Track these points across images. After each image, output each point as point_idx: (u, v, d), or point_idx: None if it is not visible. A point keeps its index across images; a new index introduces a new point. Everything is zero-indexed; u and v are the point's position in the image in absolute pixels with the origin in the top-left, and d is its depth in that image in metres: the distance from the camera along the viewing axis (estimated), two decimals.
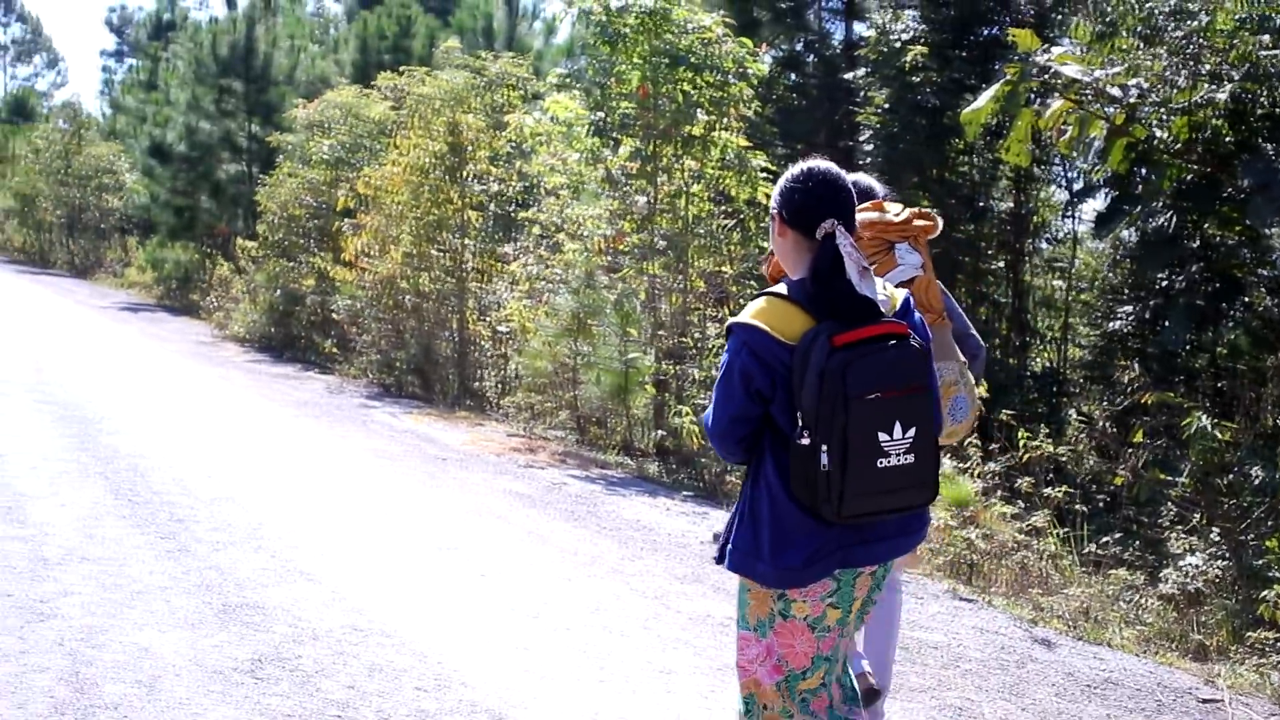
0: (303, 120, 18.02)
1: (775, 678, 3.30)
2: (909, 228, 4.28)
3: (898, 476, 3.05)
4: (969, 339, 4.56)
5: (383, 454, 10.10)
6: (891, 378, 3.05)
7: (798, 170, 3.29)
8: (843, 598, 3.22)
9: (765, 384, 3.13)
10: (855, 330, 3.05)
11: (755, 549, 3.18)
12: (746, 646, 3.33)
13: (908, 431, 3.05)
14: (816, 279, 3.12)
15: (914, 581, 6.96)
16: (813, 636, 3.23)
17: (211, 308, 20.85)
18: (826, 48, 15.26)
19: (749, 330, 3.14)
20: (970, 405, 4.29)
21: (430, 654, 5.37)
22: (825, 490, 2.99)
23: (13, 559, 6.44)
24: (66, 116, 34.25)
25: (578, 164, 11.17)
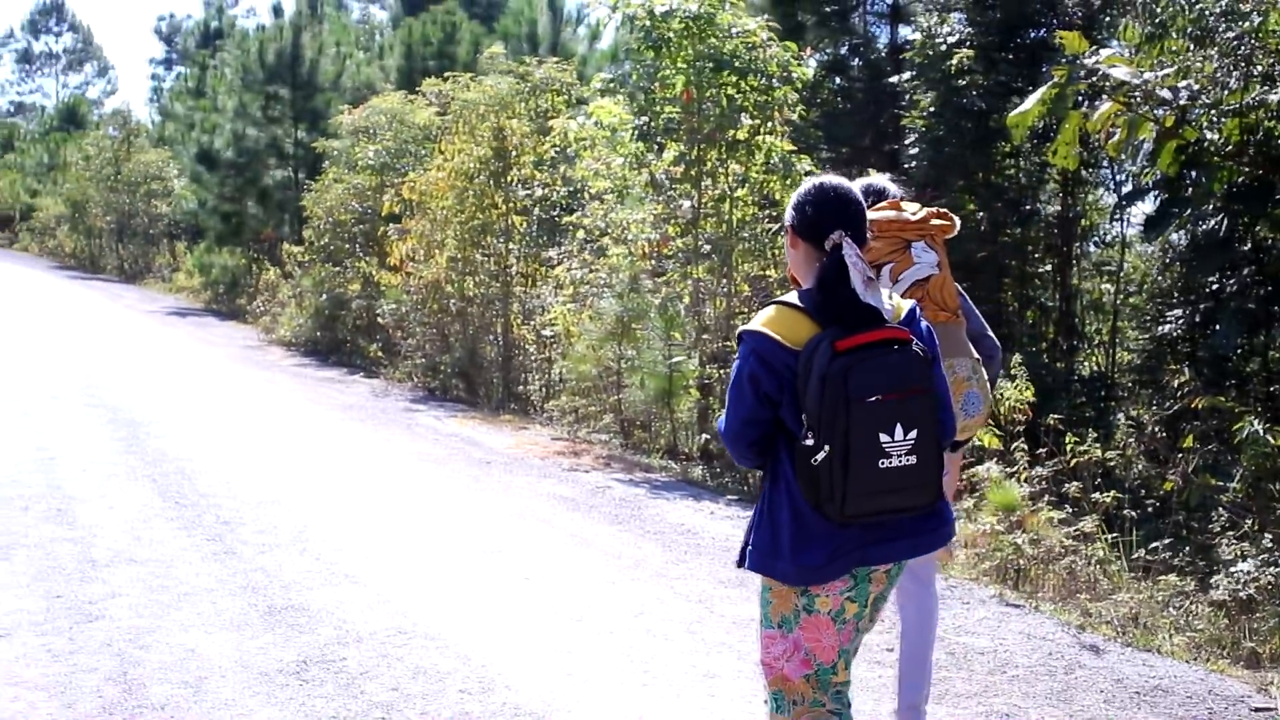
0: (348, 126, 18.12)
1: (804, 671, 3.38)
2: (925, 227, 4.34)
3: (899, 477, 3.14)
4: (985, 340, 4.66)
5: (427, 457, 10.13)
6: (893, 380, 3.15)
7: (809, 185, 3.44)
8: (859, 593, 3.33)
9: (773, 388, 3.25)
10: (857, 335, 3.16)
11: (775, 549, 3.29)
12: (771, 644, 3.41)
13: (909, 433, 3.14)
14: (822, 287, 3.26)
15: (960, 586, 6.91)
16: (835, 628, 3.33)
17: (258, 312, 21.01)
18: (871, 51, 15.19)
19: (757, 337, 3.28)
20: (983, 401, 4.37)
21: (474, 657, 5.38)
22: (828, 490, 3.11)
23: (62, 560, 6.51)
24: (116, 124, 34.54)
25: (622, 168, 11.17)
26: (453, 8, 22.95)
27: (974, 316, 4.68)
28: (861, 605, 3.35)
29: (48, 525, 7.20)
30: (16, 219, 41.56)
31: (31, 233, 39.22)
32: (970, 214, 12.88)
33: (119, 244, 33.17)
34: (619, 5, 10.69)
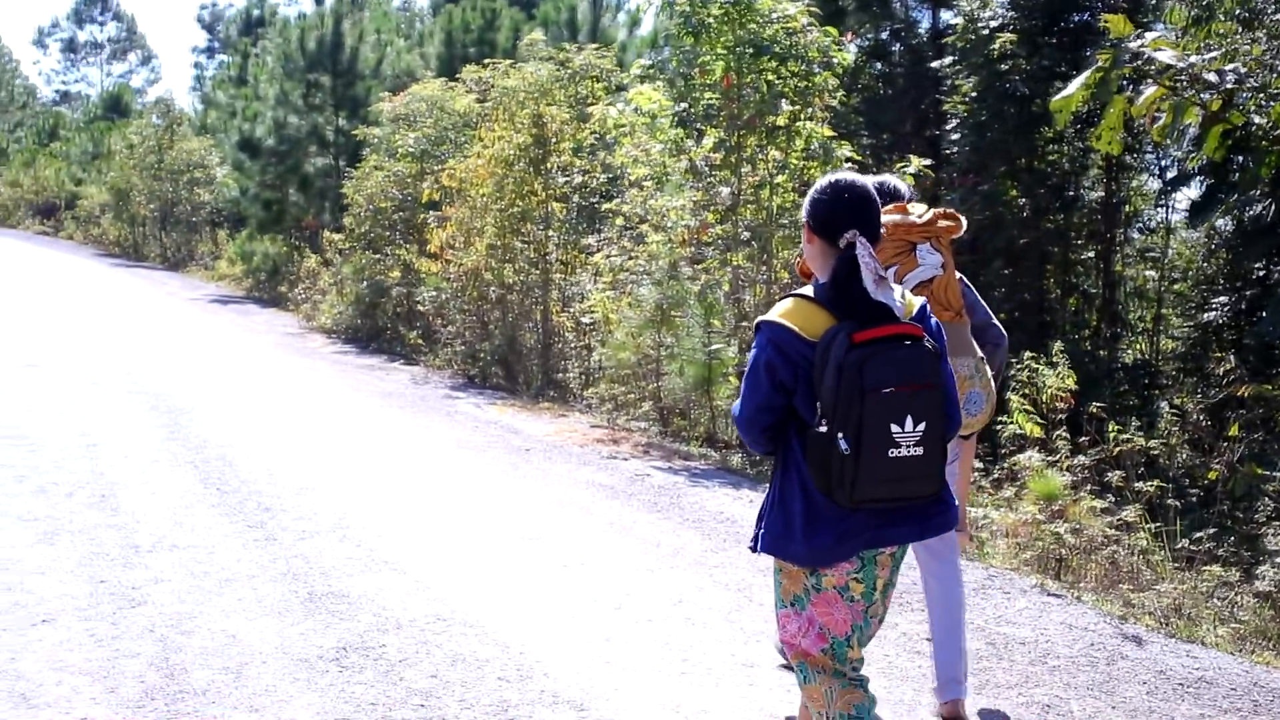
0: (389, 114, 18.16)
1: (820, 645, 3.54)
2: (931, 229, 4.50)
3: (907, 466, 3.30)
4: (991, 329, 4.82)
5: (466, 444, 10.15)
6: (905, 374, 3.29)
7: (825, 183, 3.57)
8: (866, 575, 3.49)
9: (788, 376, 3.41)
10: (873, 329, 3.31)
11: (787, 533, 3.47)
12: (788, 623, 3.60)
13: (918, 425, 3.29)
14: (835, 284, 3.40)
15: (1001, 576, 6.87)
16: (844, 603, 3.50)
17: (299, 299, 21.10)
18: (913, 36, 15.08)
19: (775, 327, 3.43)
20: (985, 399, 4.53)
21: (513, 644, 5.38)
22: (839, 475, 3.28)
23: (106, 546, 6.56)
24: (160, 112, 34.70)
25: (661, 155, 11.15)
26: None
27: (980, 308, 4.81)
28: (869, 587, 3.51)
29: (91, 511, 7.26)
30: (61, 207, 41.88)
31: (76, 221, 39.49)
32: (1012, 200, 12.81)
33: (162, 232, 33.36)
34: None
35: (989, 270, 13.08)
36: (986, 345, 4.75)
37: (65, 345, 14.67)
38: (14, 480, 7.88)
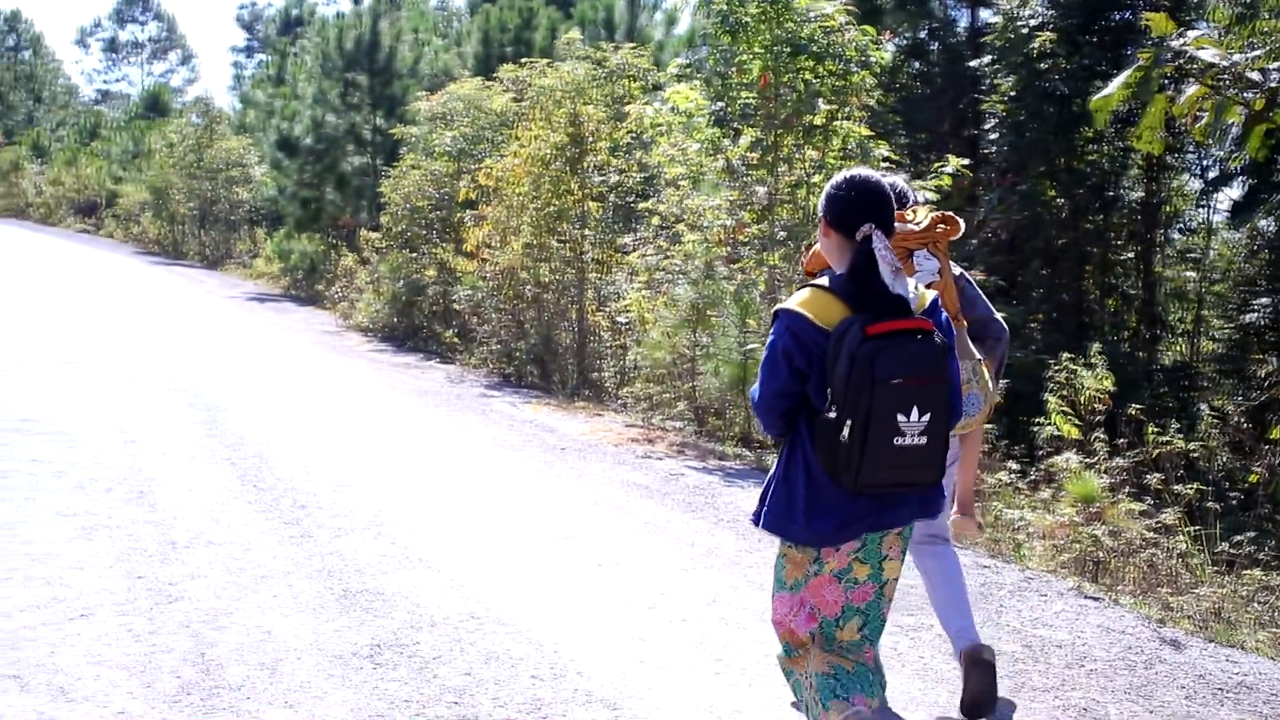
0: (426, 113, 18.23)
1: (809, 626, 3.74)
2: (928, 235, 4.53)
3: (911, 455, 3.44)
4: (992, 324, 4.87)
5: (502, 443, 10.16)
6: (914, 367, 3.43)
7: (841, 179, 3.69)
8: (869, 554, 3.68)
9: (804, 363, 3.55)
10: (886, 323, 3.45)
11: (790, 513, 3.64)
12: (780, 604, 3.80)
13: (924, 416, 3.43)
14: (853, 276, 3.54)
15: (1038, 578, 6.82)
16: (840, 587, 3.69)
17: (336, 298, 21.20)
18: (951, 35, 14.98)
19: (792, 315, 3.58)
20: (983, 400, 4.58)
21: (546, 643, 5.38)
22: (845, 460, 3.42)
23: (144, 542, 6.60)
24: (199, 111, 34.93)
25: (698, 154, 11.12)
26: None
27: (981, 304, 4.88)
28: (874, 567, 3.70)
29: (129, 507, 7.30)
30: (102, 206, 42.22)
31: (116, 219, 39.80)
32: (1051, 200, 12.72)
33: (200, 230, 33.60)
34: None
35: (1027, 271, 13.00)
36: (988, 340, 4.83)
37: (105, 342, 14.78)
38: (53, 476, 7.93)
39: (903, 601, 6.27)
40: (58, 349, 13.85)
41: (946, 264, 4.59)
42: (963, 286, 4.80)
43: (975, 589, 6.58)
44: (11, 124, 60.79)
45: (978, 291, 4.92)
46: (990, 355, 4.78)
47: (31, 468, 8.11)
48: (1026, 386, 9.99)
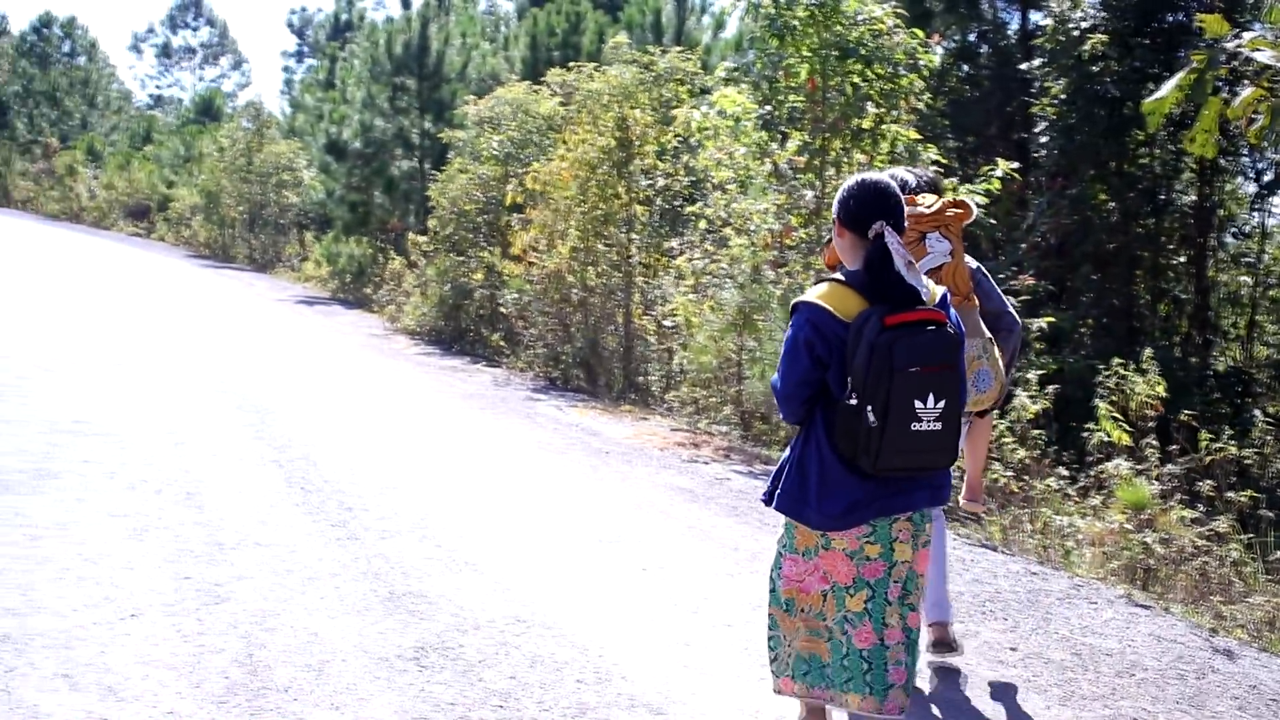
0: (474, 117, 18.26)
1: (823, 586, 3.96)
2: (940, 218, 4.80)
3: (927, 439, 3.66)
4: (1005, 316, 5.11)
5: (547, 446, 10.17)
6: (930, 355, 3.65)
7: (852, 182, 3.94)
8: (880, 536, 3.86)
9: (824, 353, 3.79)
10: (903, 313, 3.67)
11: (803, 496, 3.88)
12: (793, 566, 4.03)
13: (939, 402, 3.65)
14: (869, 270, 3.77)
15: (1087, 585, 6.76)
16: (852, 564, 3.88)
17: (383, 301, 21.29)
18: (1001, 37, 14.86)
19: (812, 308, 3.82)
20: (993, 377, 4.83)
21: (591, 647, 5.38)
22: (866, 444, 3.65)
23: (192, 543, 6.64)
24: (249, 116, 35.18)
25: (745, 158, 11.08)
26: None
27: (996, 296, 5.13)
28: (885, 546, 3.87)
29: (179, 508, 7.35)
30: (154, 210, 42.62)
31: (168, 223, 40.14)
32: (1101, 204, 12.60)
33: (250, 233, 33.83)
34: None
35: (1077, 276, 12.88)
36: (1001, 331, 5.04)
37: (156, 345, 14.91)
38: (105, 477, 8.01)
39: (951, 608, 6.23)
40: (110, 351, 13.99)
41: (959, 246, 4.84)
42: (979, 280, 5.04)
43: (1023, 595, 6.54)
44: (67, 129, 61.45)
45: (993, 285, 5.15)
46: (1003, 346, 5.01)
47: (83, 469, 8.20)
48: (1076, 392, 9.90)
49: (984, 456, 5.54)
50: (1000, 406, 5.31)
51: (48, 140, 56.54)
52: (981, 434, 5.36)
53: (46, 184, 50.28)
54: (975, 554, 7.40)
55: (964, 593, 6.57)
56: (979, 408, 4.96)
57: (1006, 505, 8.29)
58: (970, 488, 5.43)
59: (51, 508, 7.20)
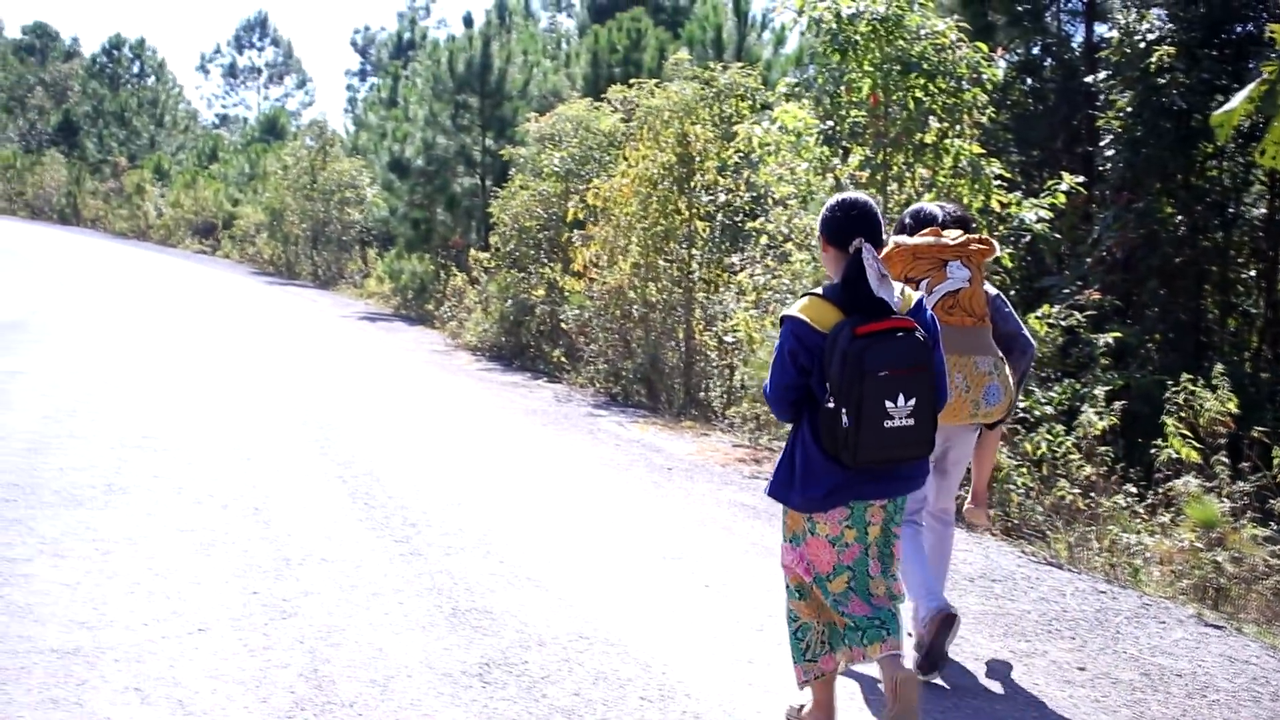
0: (535, 134, 18.34)
1: (807, 577, 4.43)
2: (962, 250, 5.32)
3: (900, 434, 4.13)
4: (1019, 338, 5.60)
5: (609, 463, 10.18)
6: (898, 359, 4.09)
7: (834, 201, 4.38)
8: (856, 521, 4.33)
9: (807, 360, 4.22)
10: (873, 323, 4.10)
11: (789, 483, 4.34)
12: (787, 554, 4.51)
13: (909, 401, 4.11)
14: (845, 284, 4.20)
15: (1156, 605, 6.66)
16: (833, 550, 4.35)
17: (445, 317, 21.38)
18: (1065, 50, 14.69)
19: (795, 321, 4.26)
20: (1003, 392, 5.32)
21: (654, 664, 5.37)
22: (844, 442, 4.10)
23: (259, 558, 6.71)
24: (313, 134, 35.46)
25: (806, 173, 11.03)
26: (639, 15, 22.96)
27: (1011, 319, 5.62)
28: (860, 531, 4.34)
29: (245, 524, 7.43)
30: (219, 227, 43.11)
31: (233, 240, 40.57)
32: (1169, 218, 12.43)
33: (313, 250, 34.08)
34: (805, 9, 10.55)
35: (1143, 290, 12.72)
36: (1014, 352, 5.54)
37: (222, 361, 15.09)
38: (173, 492, 8.11)
39: (1017, 626, 6.18)
40: (177, 367, 14.17)
41: (979, 275, 5.36)
42: (997, 305, 5.55)
43: (1091, 614, 6.46)
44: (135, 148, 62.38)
45: (1010, 310, 5.65)
46: (1015, 365, 5.52)
47: (152, 484, 8.30)
48: (1143, 408, 9.77)
49: (990, 467, 6.05)
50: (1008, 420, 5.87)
51: (117, 159, 57.43)
52: (990, 446, 5.84)
53: (115, 202, 51.02)
54: (1041, 572, 7.32)
55: (1030, 611, 6.50)
56: (989, 420, 5.41)
57: (1072, 522, 8.20)
58: (975, 496, 5.92)
59: (121, 522, 7.31)
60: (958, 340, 5.21)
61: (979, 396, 5.27)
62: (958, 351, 5.19)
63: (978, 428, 5.55)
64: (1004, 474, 8.90)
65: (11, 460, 8.83)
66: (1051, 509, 8.49)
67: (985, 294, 5.43)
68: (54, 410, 10.80)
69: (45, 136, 66.27)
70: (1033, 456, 9.00)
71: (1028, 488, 8.83)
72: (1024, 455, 9.04)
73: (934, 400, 4.24)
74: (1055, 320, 9.84)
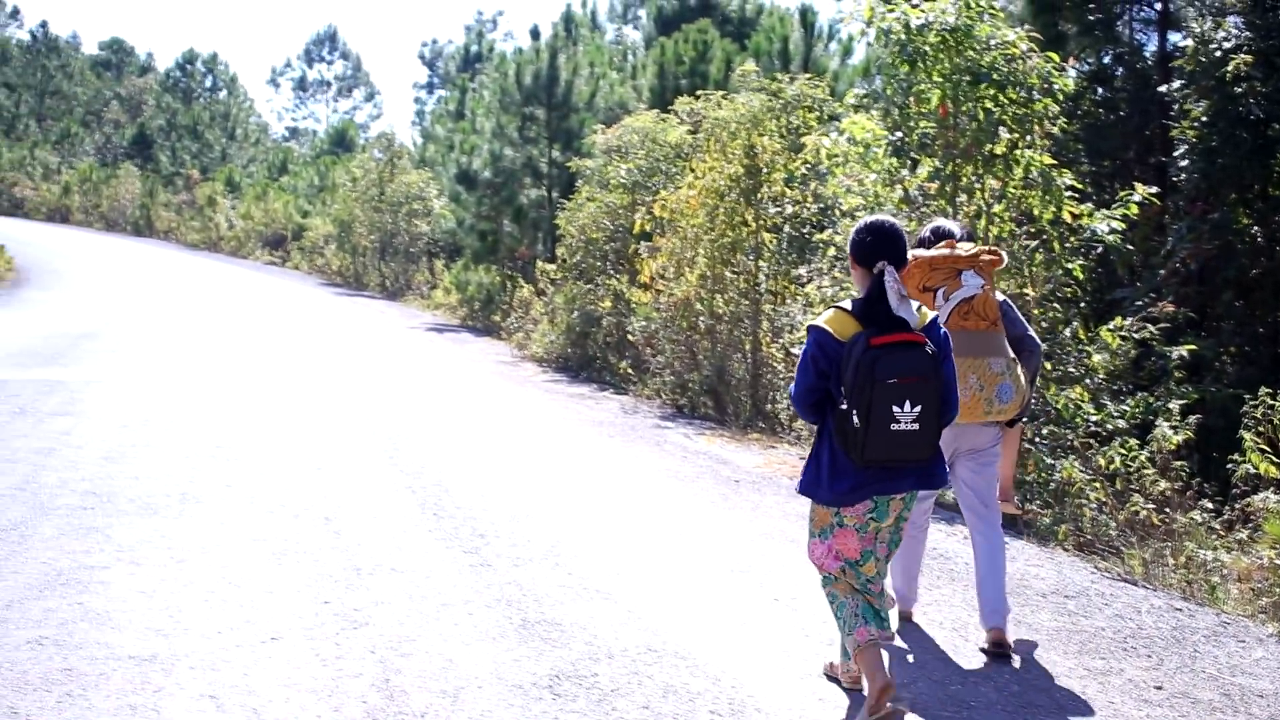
0: (601, 145, 18.36)
1: (838, 564, 4.90)
2: (974, 261, 5.84)
3: (905, 438, 4.57)
4: (1026, 339, 6.07)
5: (676, 475, 10.16)
6: (907, 370, 4.53)
7: (863, 224, 4.87)
8: (879, 513, 4.83)
9: (827, 366, 4.70)
10: (887, 336, 4.57)
11: (817, 480, 4.83)
12: (815, 548, 4.98)
13: (915, 408, 4.55)
14: (867, 300, 4.70)
15: (1235, 623, 6.54)
16: (859, 537, 4.84)
17: (512, 329, 21.46)
18: (1138, 59, 14.50)
19: (819, 330, 4.75)
20: (1014, 391, 5.82)
21: (724, 678, 5.35)
22: (854, 441, 4.58)
23: (331, 569, 6.76)
24: (381, 146, 35.76)
25: (874, 185, 10.96)
26: (705, 26, 22.94)
27: (1018, 322, 6.10)
28: (881, 520, 4.83)
29: (316, 533, 7.49)
30: (289, 239, 43.57)
31: (302, 251, 41.01)
32: (1245, 228, 12.23)
33: (381, 262, 34.37)
34: (874, 20, 10.49)
35: (1218, 302, 12.52)
36: (1023, 353, 6.00)
37: (292, 370, 15.24)
38: (246, 501, 8.20)
39: (1091, 644, 6.10)
40: (249, 377, 14.32)
41: (990, 283, 5.91)
42: (1005, 310, 6.04)
43: (1167, 632, 6.36)
44: (207, 161, 63.37)
45: (1017, 314, 6.14)
46: (1025, 364, 5.98)
47: (225, 493, 8.40)
48: (1219, 422, 9.62)
49: (1014, 461, 6.61)
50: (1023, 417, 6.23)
51: (189, 172, 58.37)
52: (1012, 442, 6.42)
53: (188, 214, 51.80)
54: (1115, 588, 7.21)
55: (1105, 629, 6.41)
56: (1004, 417, 5.88)
57: (1147, 538, 8.08)
58: (1003, 491, 6.37)
59: (196, 531, 7.40)
60: (973, 344, 5.76)
61: (992, 395, 5.74)
62: (973, 354, 5.72)
63: (999, 425, 6.03)
64: (1077, 488, 8.79)
65: (89, 469, 8.97)
66: (1125, 524, 8.37)
67: (995, 299, 5.95)
68: (128, 419, 10.96)
69: (120, 150, 67.50)
70: (1106, 471, 8.88)
71: (1101, 503, 8.71)
72: (1097, 469, 8.92)
73: (939, 409, 4.66)
74: (1128, 333, 9.72)
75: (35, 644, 5.40)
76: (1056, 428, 9.63)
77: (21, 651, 5.31)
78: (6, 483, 8.43)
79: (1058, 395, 9.67)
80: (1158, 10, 14.36)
